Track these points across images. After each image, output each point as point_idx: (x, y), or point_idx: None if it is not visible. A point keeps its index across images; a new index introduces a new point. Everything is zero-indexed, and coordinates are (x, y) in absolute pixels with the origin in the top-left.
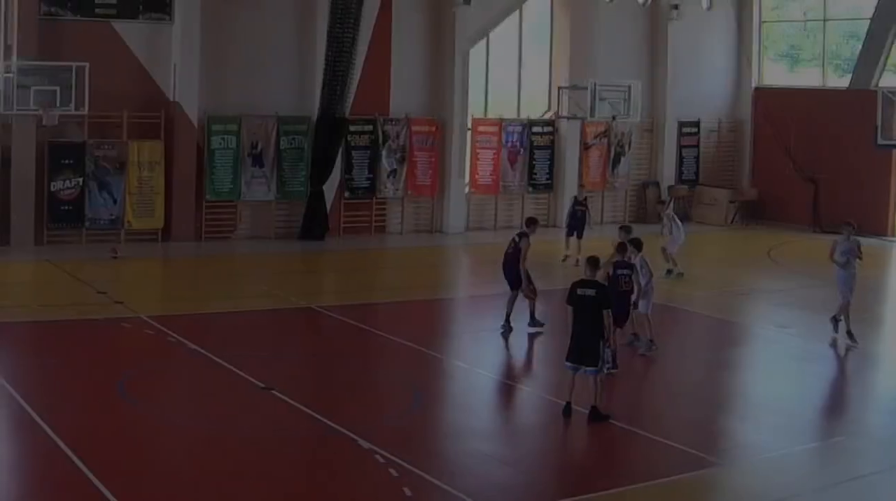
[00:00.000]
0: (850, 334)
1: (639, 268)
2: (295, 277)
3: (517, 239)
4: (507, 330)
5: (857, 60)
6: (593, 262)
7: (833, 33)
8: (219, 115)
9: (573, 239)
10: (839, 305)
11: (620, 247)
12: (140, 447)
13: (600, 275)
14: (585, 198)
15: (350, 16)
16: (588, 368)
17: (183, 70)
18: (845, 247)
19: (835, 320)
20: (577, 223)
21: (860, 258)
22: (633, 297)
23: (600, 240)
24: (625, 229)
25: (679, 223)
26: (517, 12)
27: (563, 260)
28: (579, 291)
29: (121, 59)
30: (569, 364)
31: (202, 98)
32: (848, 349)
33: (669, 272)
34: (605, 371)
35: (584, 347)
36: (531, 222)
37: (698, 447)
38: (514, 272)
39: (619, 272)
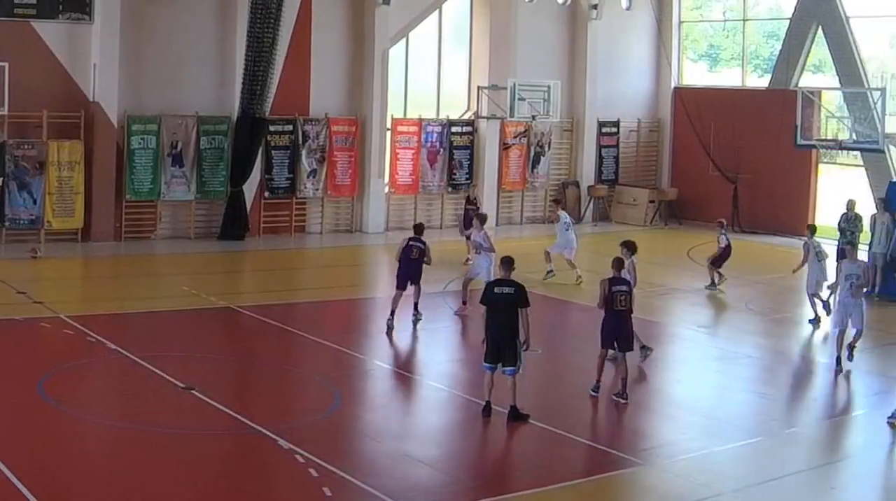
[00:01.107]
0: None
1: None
2: (215, 277)
3: (420, 244)
4: (390, 328)
5: (777, 60)
6: (508, 262)
7: (753, 33)
8: (139, 115)
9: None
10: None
11: (616, 263)
12: (61, 447)
13: (600, 297)
14: (476, 198)
15: (270, 15)
16: (507, 368)
17: (103, 70)
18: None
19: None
20: (469, 223)
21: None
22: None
23: (521, 241)
24: (626, 245)
25: (569, 223)
26: (437, 12)
27: (465, 263)
28: (496, 290)
29: (41, 58)
30: (487, 364)
31: (122, 98)
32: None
33: (550, 273)
34: (521, 370)
35: (502, 347)
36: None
37: (619, 447)
38: (418, 271)
39: (615, 289)
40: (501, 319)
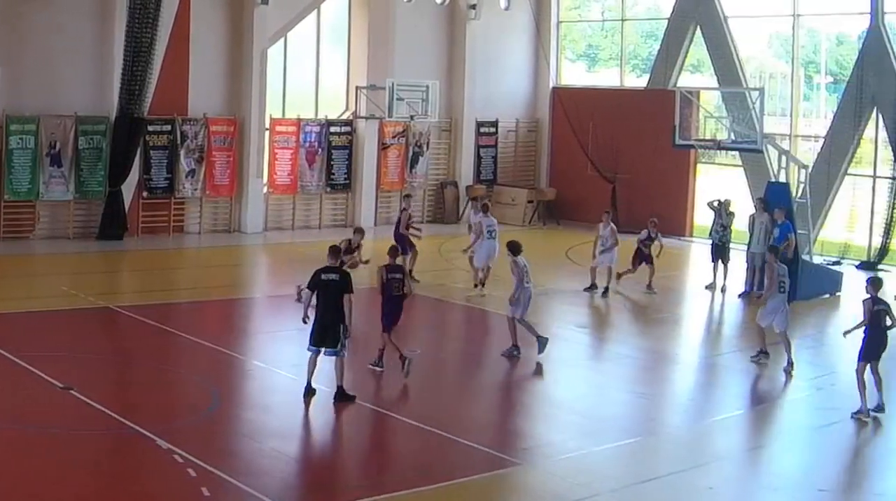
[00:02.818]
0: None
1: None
2: (94, 277)
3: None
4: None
5: (655, 60)
6: (334, 250)
7: (631, 33)
8: (17, 115)
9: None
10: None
11: (391, 251)
12: None
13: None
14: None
15: (149, 15)
16: (328, 349)
17: None
18: None
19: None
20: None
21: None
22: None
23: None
24: (509, 246)
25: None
26: (315, 12)
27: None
28: (323, 276)
29: None
30: (311, 347)
31: (0, 98)
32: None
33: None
34: (344, 354)
35: (325, 330)
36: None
37: (498, 447)
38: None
39: (391, 276)
40: (327, 304)
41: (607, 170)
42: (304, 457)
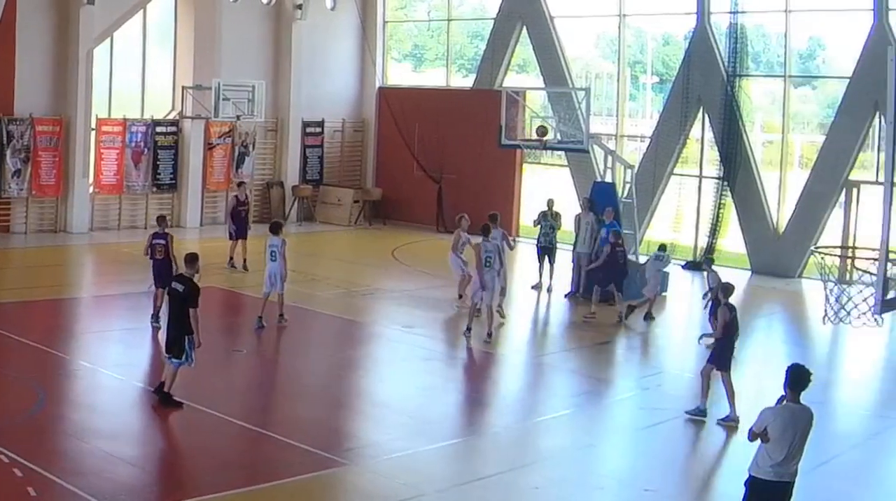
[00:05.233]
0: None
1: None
2: None
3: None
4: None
5: (481, 60)
6: (190, 258)
7: (457, 33)
8: None
9: (240, 241)
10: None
11: (160, 220)
12: None
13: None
14: (248, 196)
15: None
16: (173, 359)
17: None
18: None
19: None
20: (241, 224)
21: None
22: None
23: (227, 241)
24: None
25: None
26: (141, 12)
27: (229, 264)
28: (173, 285)
29: None
30: (165, 354)
31: None
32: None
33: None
34: (190, 365)
35: (170, 338)
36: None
37: (324, 447)
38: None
39: (155, 242)
40: (173, 313)
41: (434, 170)
42: (130, 457)
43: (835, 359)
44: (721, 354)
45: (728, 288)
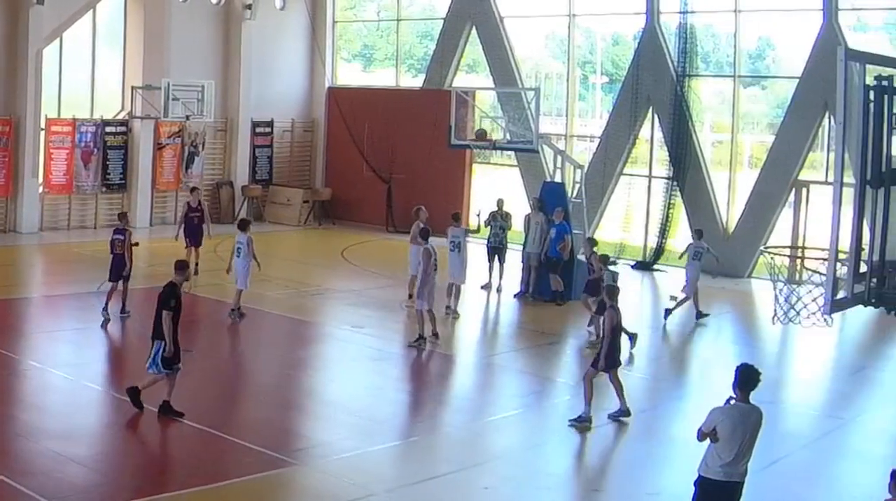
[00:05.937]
0: None
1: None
2: None
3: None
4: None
5: (431, 60)
6: (179, 266)
7: (407, 33)
8: None
9: (193, 249)
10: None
11: (121, 217)
12: None
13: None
14: (200, 203)
15: None
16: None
17: None
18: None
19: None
20: (193, 231)
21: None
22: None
23: (176, 242)
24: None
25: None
26: (90, 12)
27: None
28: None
29: None
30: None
31: None
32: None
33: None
34: (158, 372)
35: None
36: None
37: (273, 447)
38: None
39: (114, 237)
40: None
41: (383, 170)
42: (80, 457)
43: (784, 359)
44: (609, 355)
45: (613, 291)
